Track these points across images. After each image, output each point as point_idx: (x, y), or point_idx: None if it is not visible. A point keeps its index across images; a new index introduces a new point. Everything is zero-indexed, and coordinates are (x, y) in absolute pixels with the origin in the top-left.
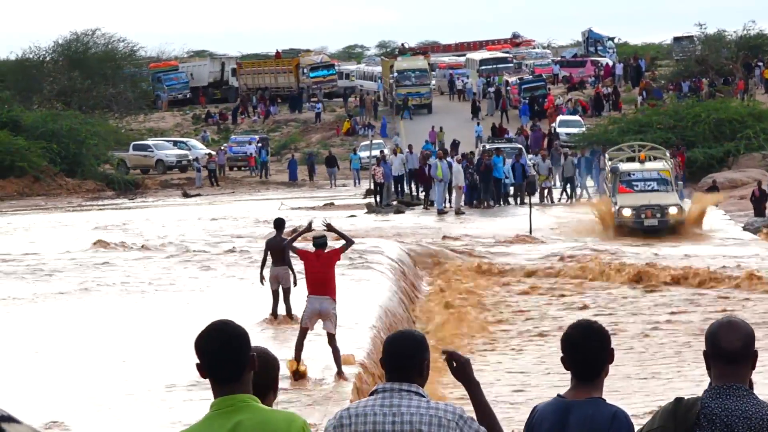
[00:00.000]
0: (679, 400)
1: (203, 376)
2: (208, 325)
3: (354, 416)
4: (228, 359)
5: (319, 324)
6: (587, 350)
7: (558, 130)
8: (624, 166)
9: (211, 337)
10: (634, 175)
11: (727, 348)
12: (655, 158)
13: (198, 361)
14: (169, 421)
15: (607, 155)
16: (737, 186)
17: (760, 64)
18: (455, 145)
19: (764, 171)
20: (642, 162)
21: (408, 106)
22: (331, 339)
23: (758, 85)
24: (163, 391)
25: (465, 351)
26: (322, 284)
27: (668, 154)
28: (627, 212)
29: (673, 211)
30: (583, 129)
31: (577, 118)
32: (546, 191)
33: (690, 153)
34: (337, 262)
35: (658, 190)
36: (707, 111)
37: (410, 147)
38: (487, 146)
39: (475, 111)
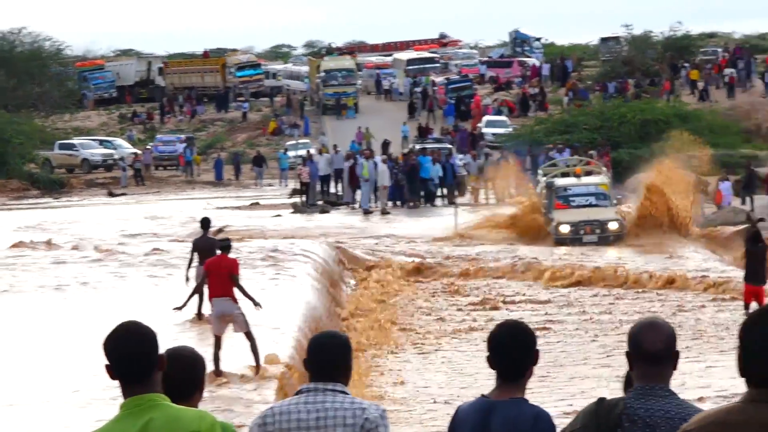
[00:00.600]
0: (601, 401)
1: (112, 377)
2: (116, 326)
3: (278, 414)
4: (137, 360)
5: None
6: (513, 350)
7: (484, 130)
8: (560, 182)
9: (119, 338)
10: (570, 190)
11: (650, 349)
12: (590, 173)
13: (107, 362)
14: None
15: (540, 171)
16: None
17: (686, 65)
18: (386, 144)
19: (689, 171)
20: (578, 176)
21: (351, 105)
22: (247, 336)
23: (684, 86)
24: (74, 394)
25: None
26: (221, 286)
27: (605, 169)
28: (565, 228)
29: (613, 226)
30: (510, 129)
31: (503, 118)
32: (475, 191)
33: (615, 153)
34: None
35: (596, 205)
36: (633, 112)
37: (335, 147)
38: (419, 146)
39: (412, 111)
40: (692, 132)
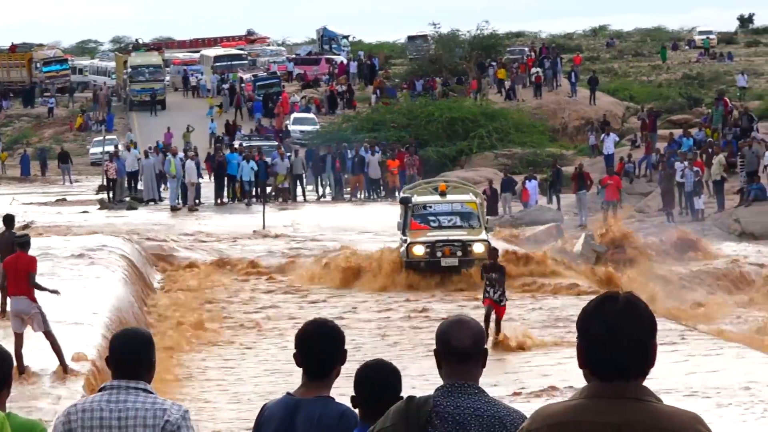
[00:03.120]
0: (410, 399)
1: None
2: None
3: (81, 411)
4: None
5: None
6: (320, 348)
7: (291, 127)
8: (419, 198)
9: None
10: (431, 208)
11: (458, 346)
12: (456, 187)
13: None
14: None
15: (403, 193)
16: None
17: (494, 63)
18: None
19: (496, 170)
20: (442, 194)
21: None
22: (46, 335)
23: (491, 85)
24: None
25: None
26: (17, 284)
27: (476, 193)
28: (419, 250)
29: (478, 248)
30: (317, 127)
31: (311, 115)
32: (284, 191)
33: (423, 151)
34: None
35: (461, 226)
36: (441, 110)
37: (135, 144)
38: (245, 144)
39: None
40: (499, 131)
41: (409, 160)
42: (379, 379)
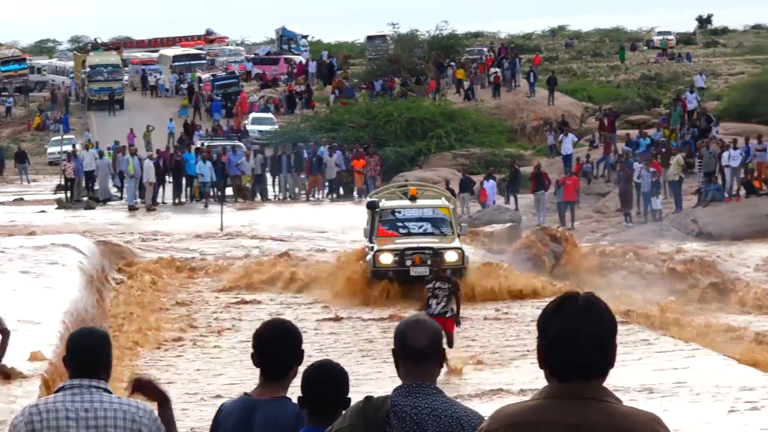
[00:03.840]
0: (368, 399)
1: None
2: None
3: (45, 412)
4: None
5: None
6: (278, 348)
7: (250, 127)
8: (387, 203)
9: None
10: (400, 213)
11: (415, 346)
12: (426, 190)
13: None
14: None
15: (369, 198)
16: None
17: (452, 64)
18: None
19: (455, 170)
20: (413, 198)
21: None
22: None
23: (450, 85)
24: None
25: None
26: None
27: (449, 198)
28: (386, 258)
29: (451, 257)
30: (276, 126)
31: (269, 115)
32: (246, 190)
33: (381, 151)
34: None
35: (432, 233)
36: (399, 110)
37: (94, 143)
38: (207, 144)
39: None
40: (457, 131)
41: (369, 161)
42: (326, 379)
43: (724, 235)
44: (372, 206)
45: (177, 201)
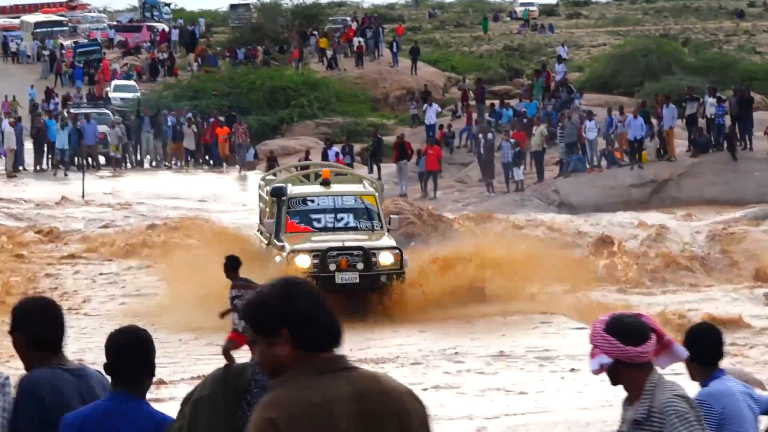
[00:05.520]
0: (227, 367)
1: None
2: None
3: None
4: None
5: None
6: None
7: (112, 95)
8: (296, 189)
9: None
10: (314, 202)
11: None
12: (339, 174)
13: None
14: None
15: (262, 181)
16: (290, 153)
17: (316, 33)
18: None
19: (317, 139)
20: (326, 183)
21: None
22: None
23: (313, 54)
24: None
25: None
26: None
27: (372, 182)
28: (304, 261)
29: (386, 258)
30: (138, 94)
31: (132, 83)
32: (115, 159)
33: (244, 120)
34: None
35: (356, 228)
36: (262, 78)
37: None
38: (77, 111)
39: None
40: (320, 100)
41: (237, 128)
42: (129, 344)
43: (586, 206)
44: (278, 193)
45: (38, 168)
